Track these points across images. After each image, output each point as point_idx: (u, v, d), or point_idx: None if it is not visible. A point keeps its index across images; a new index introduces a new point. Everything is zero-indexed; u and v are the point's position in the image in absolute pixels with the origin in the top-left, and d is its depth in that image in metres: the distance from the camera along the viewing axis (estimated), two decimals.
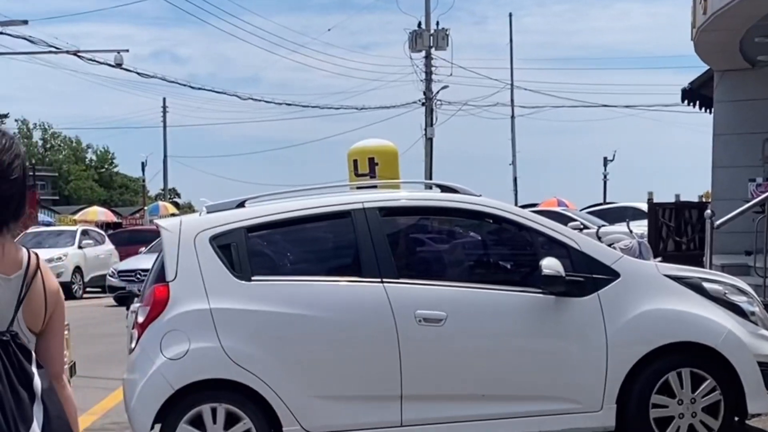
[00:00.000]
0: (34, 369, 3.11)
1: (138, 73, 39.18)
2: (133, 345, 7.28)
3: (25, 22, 34.43)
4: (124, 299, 23.02)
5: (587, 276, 7.31)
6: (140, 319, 7.22)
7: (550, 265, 7.18)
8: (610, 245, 10.13)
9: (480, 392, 7.20)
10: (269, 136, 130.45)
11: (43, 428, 3.07)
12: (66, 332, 7.53)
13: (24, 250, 3.19)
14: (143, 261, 22.97)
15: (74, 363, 7.98)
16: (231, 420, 7.01)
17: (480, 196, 7.74)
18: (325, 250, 7.89)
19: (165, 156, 68.65)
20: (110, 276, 24.96)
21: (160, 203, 51.75)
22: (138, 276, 23.29)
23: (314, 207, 7.58)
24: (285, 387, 6.99)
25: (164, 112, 69.23)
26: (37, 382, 3.10)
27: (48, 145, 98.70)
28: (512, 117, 51.50)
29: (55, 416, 3.13)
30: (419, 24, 43.03)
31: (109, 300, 24.98)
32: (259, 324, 7.07)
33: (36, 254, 3.23)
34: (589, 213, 28.62)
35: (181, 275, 7.16)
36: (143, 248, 26.28)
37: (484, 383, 7.22)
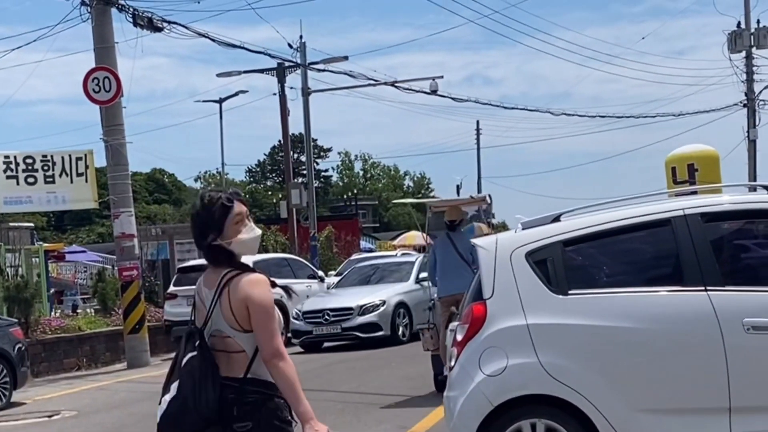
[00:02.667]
0: (189, 353, 4.35)
1: (452, 98, 39.73)
2: (452, 363, 7.37)
3: (346, 58, 36.17)
4: (312, 346, 19.82)
5: None
6: (459, 338, 7.32)
7: None
8: None
9: None
10: (582, 150, 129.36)
11: (176, 387, 4.32)
12: None
13: (223, 272, 4.40)
14: (333, 299, 20.23)
15: None
16: None
17: None
18: (643, 260, 7.64)
19: (479, 177, 69.59)
20: (294, 318, 20.24)
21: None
22: (326, 317, 19.58)
23: (632, 217, 7.37)
24: (606, 401, 6.83)
25: (478, 134, 70.22)
26: (183, 361, 4.35)
27: (368, 175, 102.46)
28: None
29: (184, 384, 4.29)
30: (738, 24, 41.57)
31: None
32: (578, 338, 6.95)
33: (228, 275, 4.39)
34: None
35: (497, 292, 7.17)
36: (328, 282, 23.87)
37: None
